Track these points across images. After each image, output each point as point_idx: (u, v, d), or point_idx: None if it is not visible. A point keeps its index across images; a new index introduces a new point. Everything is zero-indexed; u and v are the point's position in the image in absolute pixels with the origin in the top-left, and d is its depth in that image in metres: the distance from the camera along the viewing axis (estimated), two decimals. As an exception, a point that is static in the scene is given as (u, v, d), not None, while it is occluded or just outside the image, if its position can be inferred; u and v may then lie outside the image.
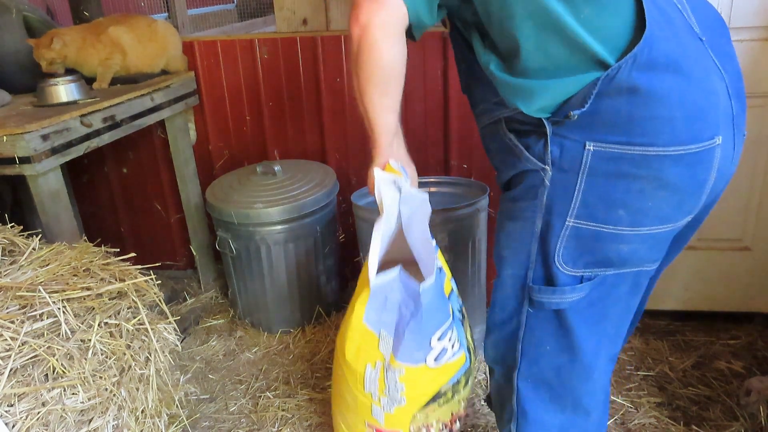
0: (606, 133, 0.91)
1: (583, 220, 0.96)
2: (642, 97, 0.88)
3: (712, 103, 0.91)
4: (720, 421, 1.65)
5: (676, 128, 0.89)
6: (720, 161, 0.94)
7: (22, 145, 1.49)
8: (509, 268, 1.07)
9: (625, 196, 0.93)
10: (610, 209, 0.94)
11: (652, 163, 0.90)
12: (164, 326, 1.35)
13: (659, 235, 0.97)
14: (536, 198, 0.98)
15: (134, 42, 2.01)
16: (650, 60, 0.86)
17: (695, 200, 0.96)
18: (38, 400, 1.04)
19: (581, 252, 0.98)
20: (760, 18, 1.72)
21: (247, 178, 2.12)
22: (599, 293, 1.01)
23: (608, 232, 0.95)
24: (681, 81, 0.88)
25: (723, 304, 2.06)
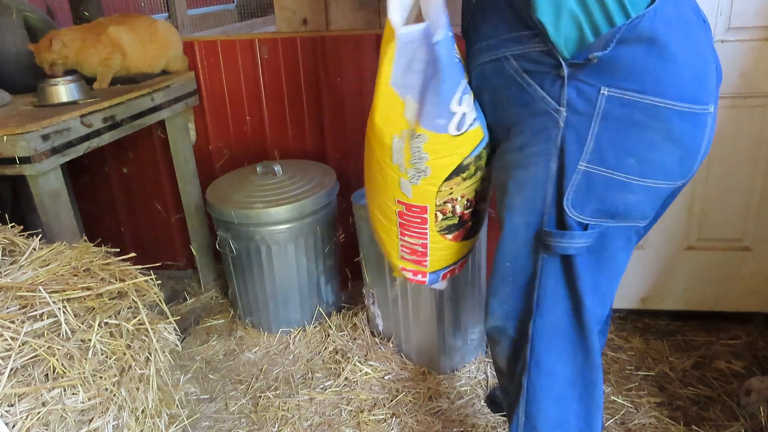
0: (622, 79, 0.93)
1: (595, 165, 0.97)
2: (658, 48, 0.91)
3: (709, 73, 0.96)
4: (720, 421, 1.65)
5: (684, 84, 0.93)
6: (709, 132, 0.98)
7: (22, 145, 1.49)
8: (521, 216, 1.05)
9: (635, 144, 0.95)
10: (621, 156, 0.96)
11: (662, 114, 0.93)
12: (164, 326, 1.35)
13: (660, 189, 1.00)
14: (549, 141, 0.99)
15: (134, 42, 2.01)
16: (670, 16, 0.90)
17: (692, 161, 1.00)
18: (38, 400, 1.04)
19: (590, 198, 0.99)
20: (760, 18, 1.72)
21: (247, 178, 2.12)
22: (598, 245, 1.02)
23: (618, 180, 0.97)
24: (691, 43, 0.93)
25: (723, 304, 2.06)
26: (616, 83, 0.93)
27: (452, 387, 1.84)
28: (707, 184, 1.91)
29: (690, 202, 1.95)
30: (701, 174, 1.90)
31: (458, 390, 1.83)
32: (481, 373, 1.90)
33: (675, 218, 1.97)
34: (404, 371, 1.90)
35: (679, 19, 0.93)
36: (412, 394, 1.81)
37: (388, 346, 1.99)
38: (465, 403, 1.78)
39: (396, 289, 1.88)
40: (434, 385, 1.85)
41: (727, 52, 1.76)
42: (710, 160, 1.88)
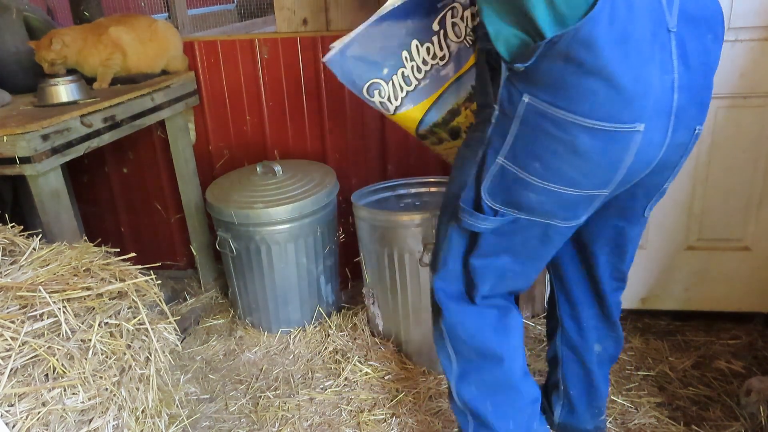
0: (540, 90, 1.01)
1: (509, 162, 1.09)
2: (574, 66, 0.96)
3: (641, 92, 0.98)
4: (720, 421, 1.65)
5: (597, 103, 0.98)
6: (641, 146, 1.02)
7: (22, 145, 1.49)
8: (453, 187, 1.22)
9: (542, 150, 1.04)
10: (529, 158, 1.06)
11: (569, 128, 1.00)
12: (164, 326, 1.35)
13: (566, 195, 1.08)
14: (484, 131, 1.12)
15: (135, 42, 2.01)
16: (590, 38, 0.94)
17: (606, 175, 1.05)
18: (38, 400, 1.04)
19: (501, 189, 1.12)
20: (760, 18, 1.72)
21: (247, 178, 2.12)
22: (510, 229, 1.15)
23: (524, 178, 1.08)
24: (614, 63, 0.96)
25: (723, 304, 2.06)
26: (535, 93, 1.02)
27: (452, 387, 1.84)
28: (707, 184, 1.91)
29: (690, 202, 1.94)
30: (701, 174, 1.90)
31: (458, 390, 1.83)
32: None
33: (675, 218, 1.97)
34: (404, 371, 1.90)
35: (615, 38, 0.95)
36: (412, 394, 1.81)
37: (388, 346, 1.99)
38: (465, 403, 1.77)
39: (396, 289, 1.88)
40: (434, 385, 1.85)
41: (727, 52, 1.76)
42: (710, 160, 1.88)
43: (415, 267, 1.80)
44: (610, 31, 0.95)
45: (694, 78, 1.04)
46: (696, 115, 1.09)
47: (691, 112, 1.07)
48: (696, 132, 1.10)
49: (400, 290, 1.87)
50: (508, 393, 1.33)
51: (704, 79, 1.08)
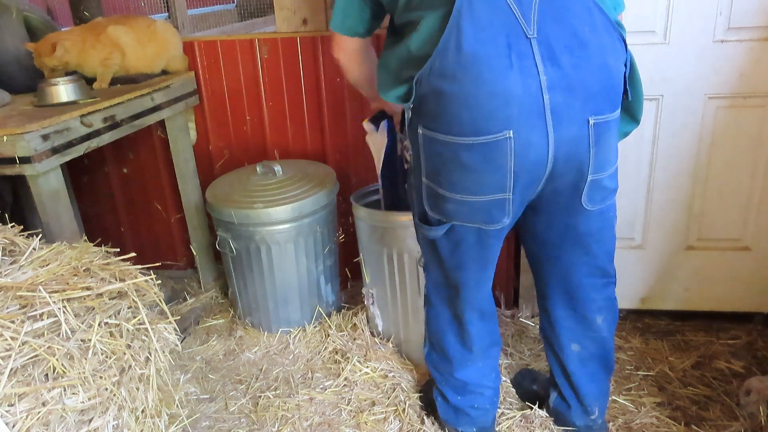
0: (427, 121, 1.21)
1: (428, 180, 1.28)
2: (443, 97, 1.15)
3: (500, 104, 1.11)
4: (720, 421, 1.65)
5: (464, 123, 1.14)
6: (517, 149, 1.14)
7: (22, 145, 1.49)
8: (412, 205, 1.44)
9: (441, 168, 1.23)
10: (437, 176, 1.25)
11: (452, 147, 1.18)
12: (164, 326, 1.35)
13: (471, 202, 1.23)
14: (412, 159, 1.34)
15: (134, 42, 2.01)
16: (442, 70, 1.13)
17: (495, 180, 1.18)
18: (38, 400, 1.04)
19: (432, 203, 1.31)
20: (760, 18, 1.72)
21: (247, 178, 2.12)
22: (454, 236, 1.33)
23: (439, 192, 1.26)
24: (467, 86, 1.11)
25: (723, 304, 2.06)
26: (424, 123, 1.22)
27: (452, 387, 1.84)
28: (707, 184, 1.92)
29: (690, 202, 1.95)
30: (701, 174, 1.91)
31: (458, 390, 1.83)
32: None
33: (675, 218, 1.97)
34: (404, 371, 1.90)
35: (462, 65, 1.10)
36: (412, 394, 1.81)
37: (387, 346, 1.99)
38: (465, 403, 1.77)
39: (396, 290, 1.88)
40: (434, 385, 1.85)
41: (727, 52, 1.76)
42: (710, 160, 1.88)
43: (415, 267, 1.80)
44: (458, 58, 1.10)
45: (569, 74, 1.11)
46: (583, 107, 1.14)
47: (574, 106, 1.13)
48: (593, 122, 1.16)
49: (399, 290, 1.87)
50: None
51: (585, 71, 1.13)
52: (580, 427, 1.57)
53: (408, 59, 1.21)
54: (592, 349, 1.49)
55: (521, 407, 1.74)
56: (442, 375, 1.59)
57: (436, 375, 1.61)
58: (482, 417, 1.58)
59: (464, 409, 1.57)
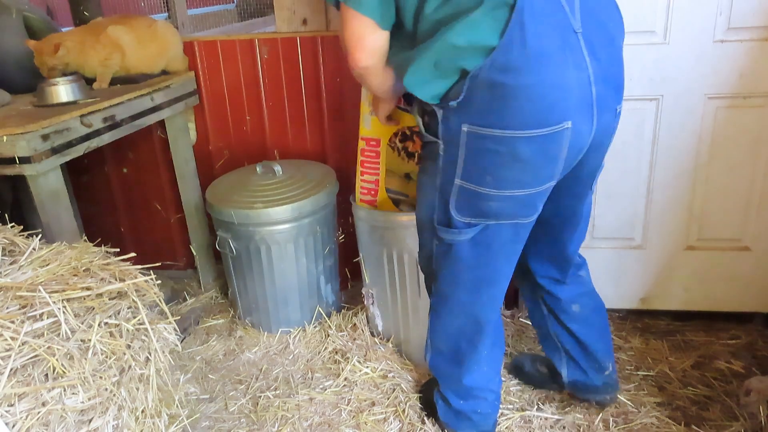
0: (476, 117, 1.17)
1: (465, 182, 1.25)
2: (500, 90, 1.12)
3: (561, 96, 1.14)
4: (720, 421, 1.65)
5: (526, 116, 1.14)
6: (572, 139, 1.18)
7: (22, 145, 1.49)
8: (422, 210, 1.40)
9: (490, 166, 1.20)
10: (481, 175, 1.22)
11: (508, 142, 1.16)
12: (164, 326, 1.35)
13: (520, 196, 1.24)
14: (435, 162, 1.29)
15: (134, 42, 2.01)
16: (506, 63, 1.11)
17: (548, 171, 1.22)
18: (38, 400, 1.04)
19: (466, 205, 1.28)
20: (760, 18, 1.72)
21: (247, 178, 2.12)
22: (484, 237, 1.31)
23: (481, 192, 1.24)
24: (532, 78, 1.11)
25: (723, 304, 2.06)
26: (471, 120, 1.18)
27: (452, 387, 1.84)
28: (707, 184, 1.91)
29: (690, 202, 1.94)
30: (701, 174, 1.90)
31: (458, 390, 1.83)
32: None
33: (675, 218, 1.97)
34: (404, 371, 1.90)
35: (526, 58, 1.10)
36: (412, 394, 1.81)
37: (387, 346, 1.99)
38: (465, 403, 1.77)
39: (396, 290, 1.88)
40: (434, 385, 1.85)
41: (727, 52, 1.76)
42: (710, 160, 1.88)
43: (415, 267, 1.80)
44: (523, 52, 1.10)
45: (605, 67, 1.19)
46: (614, 98, 1.25)
47: (609, 97, 1.23)
48: (618, 111, 1.29)
49: (399, 290, 1.87)
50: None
51: (614, 65, 1.24)
52: (599, 387, 1.66)
53: (453, 52, 1.14)
54: (589, 303, 1.63)
55: (521, 407, 1.74)
56: (448, 381, 1.57)
57: (441, 380, 1.60)
58: (484, 421, 1.58)
59: (467, 413, 1.57)
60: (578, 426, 1.65)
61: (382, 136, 1.80)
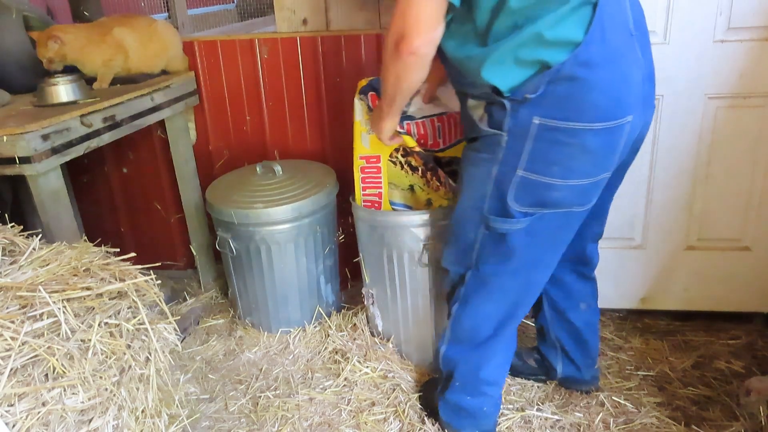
0: (549, 110, 1.20)
1: (529, 172, 1.27)
2: (578, 85, 1.16)
3: (628, 91, 1.22)
4: (720, 421, 1.65)
5: (598, 109, 1.19)
6: (629, 133, 1.26)
7: (22, 145, 1.49)
8: (469, 200, 1.40)
9: (559, 156, 1.24)
10: (548, 165, 1.25)
11: (579, 134, 1.20)
12: (164, 326, 1.35)
13: (582, 186, 1.28)
14: (494, 153, 1.29)
15: (136, 43, 2.01)
16: (587, 58, 1.15)
17: (609, 161, 1.28)
18: (38, 400, 1.04)
19: (526, 195, 1.29)
20: (760, 18, 1.72)
21: (247, 178, 2.12)
22: (539, 225, 1.34)
23: (545, 182, 1.27)
24: (607, 74, 1.17)
25: (723, 304, 2.06)
26: (545, 113, 1.20)
27: (452, 387, 1.84)
28: (707, 184, 1.91)
29: (690, 202, 1.94)
30: (701, 174, 1.90)
31: (458, 390, 1.83)
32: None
33: (675, 218, 1.97)
34: (404, 371, 1.90)
35: (604, 54, 1.16)
36: (412, 395, 1.81)
37: (387, 346, 1.99)
38: (465, 403, 1.77)
39: (396, 290, 1.88)
40: (434, 385, 1.85)
41: (727, 52, 1.76)
42: (710, 160, 1.88)
43: (415, 267, 1.80)
44: (601, 49, 1.15)
45: (649, 66, 1.30)
46: (653, 93, 1.35)
47: (651, 94, 1.33)
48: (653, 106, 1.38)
49: (399, 290, 1.87)
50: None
51: (652, 66, 1.33)
52: (588, 380, 1.78)
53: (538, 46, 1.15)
54: (593, 303, 1.71)
55: (521, 407, 1.74)
56: (462, 372, 1.57)
57: (456, 371, 1.58)
58: (486, 420, 1.60)
59: (471, 410, 1.58)
60: (578, 426, 1.65)
61: (382, 152, 1.79)
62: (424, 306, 1.84)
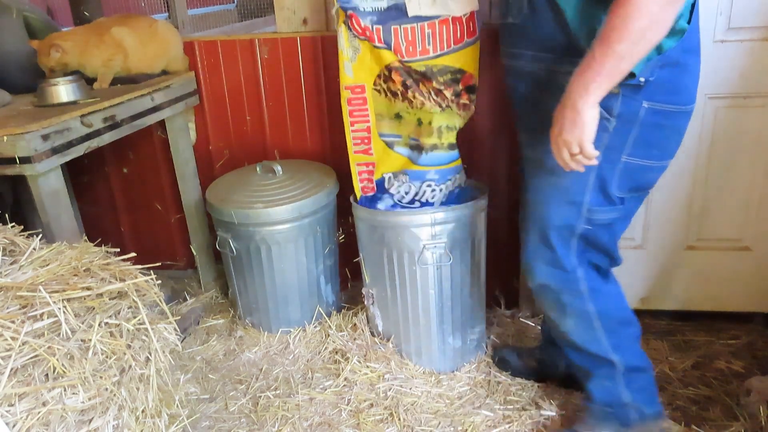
0: (656, 94, 1.24)
1: (632, 157, 1.31)
2: (680, 68, 1.24)
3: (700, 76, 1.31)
4: (720, 421, 1.65)
5: (691, 92, 1.29)
6: None
7: (22, 145, 1.49)
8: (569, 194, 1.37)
9: (659, 139, 1.30)
10: (648, 149, 1.30)
11: (676, 116, 1.29)
12: (164, 326, 1.35)
13: (665, 165, 1.37)
14: (599, 141, 1.23)
15: (136, 43, 2.01)
16: (690, 44, 1.23)
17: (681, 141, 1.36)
18: (38, 400, 1.04)
19: (627, 180, 1.33)
20: (760, 18, 1.72)
21: (247, 178, 2.12)
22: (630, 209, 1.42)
23: (646, 165, 1.33)
24: (697, 60, 1.27)
25: (723, 304, 2.06)
26: (653, 97, 1.24)
27: (452, 387, 1.84)
28: (707, 184, 1.91)
29: (690, 202, 1.94)
30: (701, 174, 1.90)
31: (458, 390, 1.83)
32: (480, 373, 1.90)
33: (675, 218, 1.97)
34: (404, 371, 1.90)
35: (697, 41, 1.25)
36: (412, 395, 1.81)
37: (387, 346, 1.99)
38: (464, 403, 1.78)
39: (396, 290, 1.88)
40: (434, 385, 1.85)
41: (727, 52, 1.76)
42: (710, 160, 1.88)
43: (415, 267, 1.80)
44: (696, 36, 1.25)
45: None
46: None
47: None
48: None
49: (399, 290, 1.87)
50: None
51: None
52: None
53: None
54: None
55: (521, 407, 1.74)
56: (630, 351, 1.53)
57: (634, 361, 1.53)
58: None
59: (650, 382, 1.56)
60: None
61: (366, 81, 1.78)
62: (424, 306, 1.84)
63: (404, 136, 1.83)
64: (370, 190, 1.91)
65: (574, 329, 1.50)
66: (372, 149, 1.87)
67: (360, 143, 1.86)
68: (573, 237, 1.42)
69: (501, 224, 2.14)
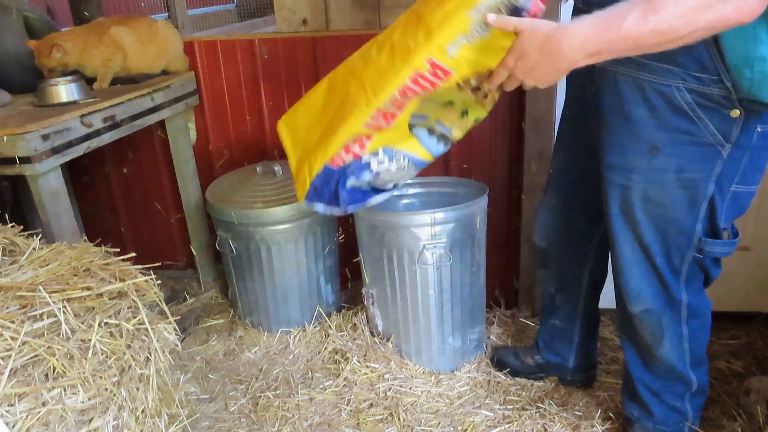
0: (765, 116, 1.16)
1: (740, 185, 1.23)
2: None
3: None
4: (720, 421, 1.65)
5: None
6: None
7: (22, 145, 1.49)
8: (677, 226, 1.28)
9: (764, 162, 1.24)
10: (755, 173, 1.24)
11: None
12: (164, 326, 1.35)
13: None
14: (712, 169, 1.20)
15: (135, 43, 2.01)
16: None
17: None
18: (38, 400, 1.04)
19: (732, 209, 1.26)
20: (760, 18, 1.71)
21: (247, 178, 2.12)
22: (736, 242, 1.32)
23: (750, 191, 1.26)
24: None
25: (723, 304, 2.05)
26: (765, 120, 1.16)
27: (451, 387, 1.84)
28: (707, 184, 1.91)
29: (690, 202, 1.94)
30: (701, 174, 1.90)
31: (458, 390, 1.83)
32: (480, 373, 1.90)
33: (675, 218, 1.97)
34: (403, 371, 1.90)
35: None
36: (412, 394, 1.81)
37: (387, 346, 1.99)
38: (464, 403, 1.78)
39: (395, 290, 1.88)
40: (433, 385, 1.85)
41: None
42: (710, 160, 1.88)
43: (415, 267, 1.80)
44: None
45: None
46: None
47: None
48: None
49: (399, 290, 1.87)
50: None
51: None
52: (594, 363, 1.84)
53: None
54: None
55: (521, 406, 1.74)
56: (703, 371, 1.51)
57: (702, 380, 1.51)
58: None
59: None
60: (578, 425, 1.65)
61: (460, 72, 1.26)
62: (424, 306, 1.85)
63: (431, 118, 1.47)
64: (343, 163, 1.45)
65: (670, 350, 1.46)
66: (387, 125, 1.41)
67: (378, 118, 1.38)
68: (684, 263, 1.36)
69: (501, 224, 2.14)
